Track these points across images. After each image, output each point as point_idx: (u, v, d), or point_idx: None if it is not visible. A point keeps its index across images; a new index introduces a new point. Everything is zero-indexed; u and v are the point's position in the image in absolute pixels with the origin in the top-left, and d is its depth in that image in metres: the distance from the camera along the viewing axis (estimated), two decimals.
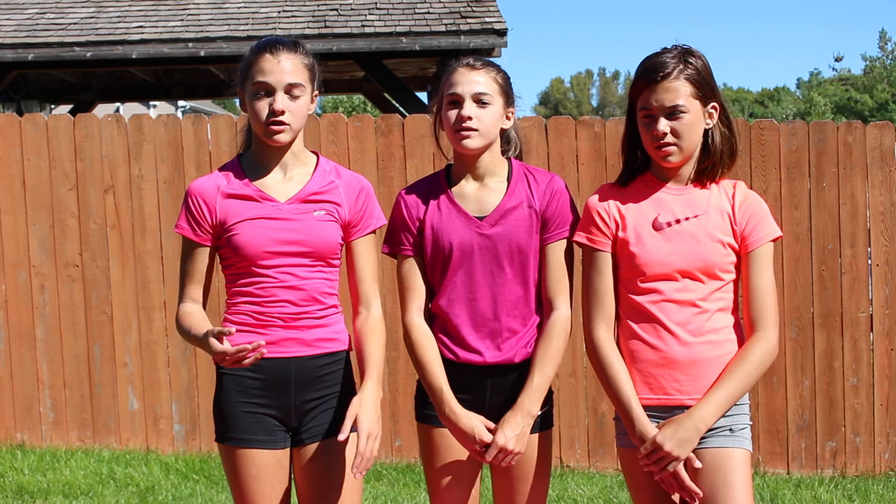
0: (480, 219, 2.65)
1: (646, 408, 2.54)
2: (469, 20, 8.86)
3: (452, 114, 2.63)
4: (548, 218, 2.66)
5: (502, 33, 8.63)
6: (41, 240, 5.68)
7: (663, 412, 2.54)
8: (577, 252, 2.70)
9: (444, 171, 2.76)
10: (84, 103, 11.92)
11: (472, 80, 2.63)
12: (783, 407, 5.41)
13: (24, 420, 5.71)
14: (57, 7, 9.61)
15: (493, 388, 2.66)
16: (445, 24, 8.81)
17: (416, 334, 2.67)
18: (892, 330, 5.44)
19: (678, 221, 2.55)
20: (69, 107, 12.18)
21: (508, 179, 2.69)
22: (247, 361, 2.37)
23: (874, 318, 5.44)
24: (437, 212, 2.68)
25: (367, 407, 2.49)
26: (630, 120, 2.64)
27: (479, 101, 2.62)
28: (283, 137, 2.57)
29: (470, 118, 2.60)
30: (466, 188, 2.69)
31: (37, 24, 9.14)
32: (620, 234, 2.58)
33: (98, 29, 9.01)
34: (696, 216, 2.56)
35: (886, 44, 45.40)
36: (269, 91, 2.54)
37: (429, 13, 9.18)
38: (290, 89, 2.55)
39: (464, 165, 2.70)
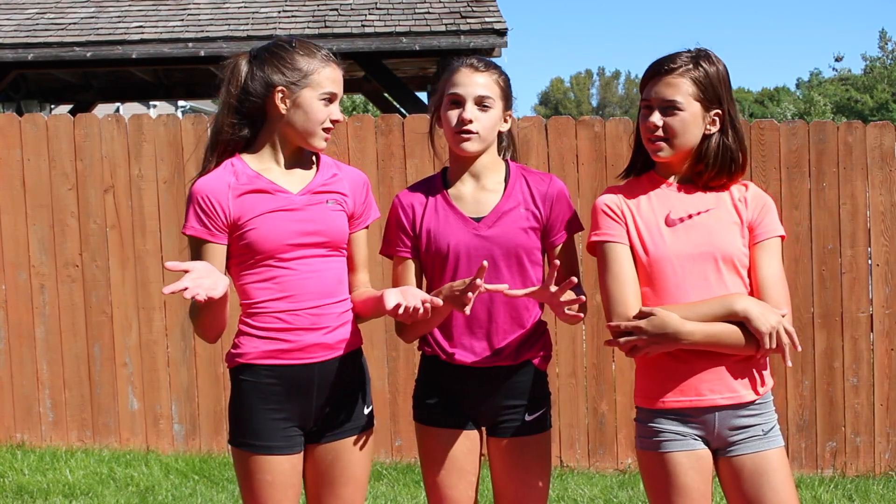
0: (477, 220, 2.65)
1: (675, 410, 2.48)
2: (469, 20, 8.85)
3: (453, 114, 2.63)
4: (552, 221, 2.67)
5: (502, 33, 8.63)
6: (41, 240, 5.68)
7: (693, 414, 2.48)
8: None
9: (440, 174, 2.76)
10: (84, 103, 11.92)
11: (475, 82, 2.62)
12: (783, 407, 5.40)
13: (24, 420, 5.71)
14: (57, 7, 9.61)
15: (488, 389, 2.66)
16: (445, 24, 8.81)
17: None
18: (892, 330, 5.44)
19: (690, 217, 2.51)
20: (69, 107, 12.18)
21: (506, 181, 2.69)
22: None
23: (874, 317, 5.44)
24: (435, 214, 2.68)
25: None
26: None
27: (481, 103, 2.62)
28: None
29: (471, 121, 2.60)
30: (463, 190, 2.69)
31: (37, 24, 9.14)
32: (632, 231, 2.52)
33: (98, 29, 9.01)
34: (707, 210, 2.52)
35: (886, 44, 45.47)
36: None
37: (429, 13, 9.17)
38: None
39: (461, 167, 2.70)
